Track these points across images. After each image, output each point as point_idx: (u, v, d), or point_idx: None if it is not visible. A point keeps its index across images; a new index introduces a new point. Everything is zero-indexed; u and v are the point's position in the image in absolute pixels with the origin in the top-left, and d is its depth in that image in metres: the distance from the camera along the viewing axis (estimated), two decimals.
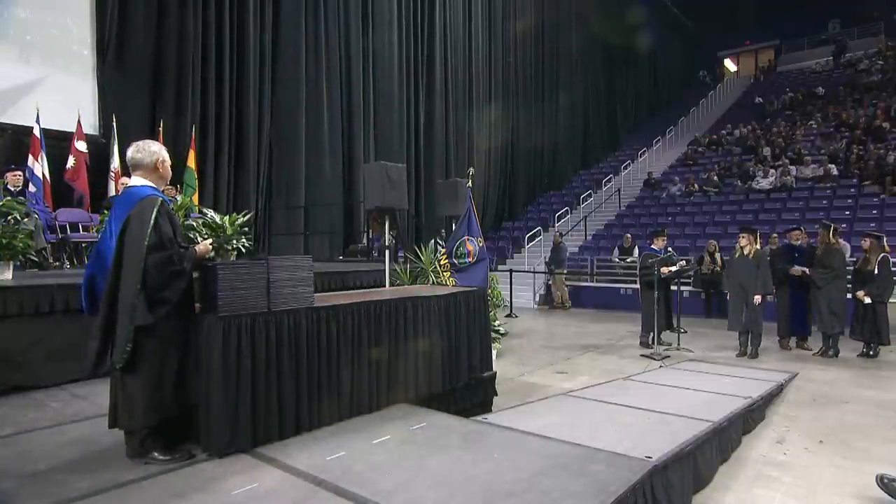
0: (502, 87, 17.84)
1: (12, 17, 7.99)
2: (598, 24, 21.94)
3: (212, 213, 3.69)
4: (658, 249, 7.53)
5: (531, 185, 19.59)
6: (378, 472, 2.67)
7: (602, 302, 12.26)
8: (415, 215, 14.17)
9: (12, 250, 4.62)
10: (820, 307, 7.02)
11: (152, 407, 2.73)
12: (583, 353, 7.34)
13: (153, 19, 9.20)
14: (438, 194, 8.09)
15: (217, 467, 2.71)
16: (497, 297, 7.97)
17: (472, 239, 6.44)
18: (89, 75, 8.68)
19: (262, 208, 10.91)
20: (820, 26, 28.33)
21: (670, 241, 9.15)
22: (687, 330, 8.14)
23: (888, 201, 12.67)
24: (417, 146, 14.81)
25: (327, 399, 3.30)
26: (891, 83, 20.12)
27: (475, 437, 3.23)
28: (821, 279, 7.01)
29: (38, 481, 2.58)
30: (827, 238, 7.15)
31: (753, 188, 15.16)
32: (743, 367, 6.28)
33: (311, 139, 11.83)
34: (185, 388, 2.88)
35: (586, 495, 2.42)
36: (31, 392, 4.09)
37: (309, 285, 3.30)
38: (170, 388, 2.80)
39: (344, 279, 7.03)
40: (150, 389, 2.73)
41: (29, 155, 7.34)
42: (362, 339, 3.53)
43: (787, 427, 4.38)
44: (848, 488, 3.27)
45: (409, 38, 14.41)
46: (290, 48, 11.47)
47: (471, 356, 4.37)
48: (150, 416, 2.73)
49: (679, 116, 23.49)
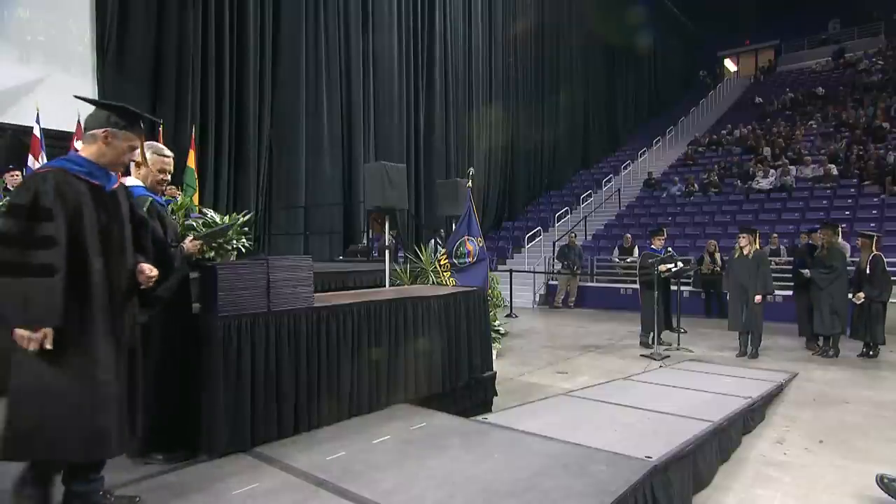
0: (502, 87, 17.84)
1: (12, 17, 7.99)
2: (598, 24, 21.94)
3: (212, 212, 3.69)
4: (658, 249, 7.54)
5: (531, 185, 19.59)
6: (378, 472, 2.67)
7: (602, 302, 12.26)
8: (415, 215, 14.17)
9: None
10: (821, 307, 7.01)
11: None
12: (583, 353, 7.34)
13: (153, 19, 9.21)
14: (438, 194, 8.10)
15: (217, 467, 2.71)
16: (497, 297, 7.97)
17: (472, 239, 6.45)
18: (89, 75, 8.68)
19: (262, 208, 10.91)
20: (820, 26, 28.34)
21: (670, 241, 9.16)
22: (687, 330, 8.14)
23: (888, 201, 12.67)
24: (417, 146, 14.81)
25: (327, 399, 3.30)
26: (891, 83, 20.12)
27: (475, 437, 3.22)
28: (822, 279, 7.00)
29: None
30: (831, 238, 7.15)
31: (753, 188, 15.15)
32: (743, 367, 6.28)
33: (311, 139, 11.83)
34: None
35: (586, 495, 2.42)
36: None
37: (309, 285, 3.30)
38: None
39: (344, 279, 7.03)
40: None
41: (29, 155, 7.34)
42: (362, 339, 3.53)
43: (787, 427, 4.37)
44: (848, 488, 3.26)
45: (409, 38, 14.41)
46: (291, 48, 11.47)
47: (471, 356, 4.37)
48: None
49: (679, 116, 23.48)
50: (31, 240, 2.01)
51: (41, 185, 2.07)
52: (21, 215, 2.04)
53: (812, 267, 7.20)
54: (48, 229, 2.03)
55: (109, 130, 2.24)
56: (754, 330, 6.96)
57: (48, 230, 2.03)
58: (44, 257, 2.01)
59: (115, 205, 2.30)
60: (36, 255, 2.00)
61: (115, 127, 2.25)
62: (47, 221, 2.04)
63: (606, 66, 23.61)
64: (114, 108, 2.29)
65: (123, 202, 2.36)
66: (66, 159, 2.25)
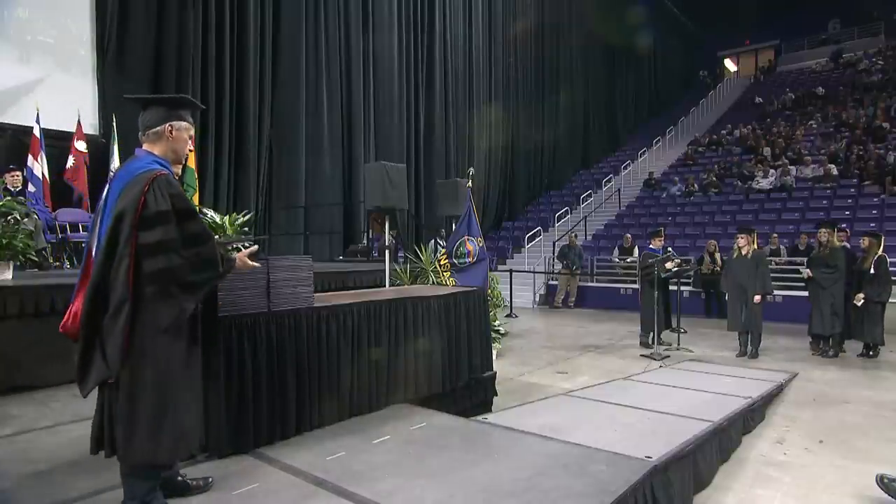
0: (502, 87, 17.84)
1: (12, 17, 7.99)
2: (598, 24, 21.94)
3: (212, 213, 3.69)
4: (657, 249, 7.54)
5: (531, 185, 19.59)
6: (378, 472, 2.67)
7: (602, 302, 12.26)
8: (415, 215, 14.17)
9: (12, 250, 4.62)
10: (822, 307, 7.00)
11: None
12: (583, 353, 7.34)
13: (153, 19, 9.20)
14: (438, 194, 8.10)
15: (217, 467, 2.71)
16: (497, 297, 7.97)
17: (472, 239, 6.45)
18: (89, 75, 8.68)
19: (262, 208, 10.91)
20: (820, 26, 28.35)
21: (670, 241, 9.17)
22: (687, 330, 8.14)
23: (888, 201, 12.67)
24: (417, 146, 14.81)
25: (327, 399, 3.30)
26: (891, 83, 20.13)
27: (475, 437, 3.23)
28: (826, 279, 6.98)
29: (38, 481, 2.58)
30: (831, 237, 7.14)
31: (753, 188, 15.16)
32: (743, 367, 6.28)
33: (311, 139, 11.83)
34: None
35: (586, 495, 2.42)
36: (31, 392, 4.10)
37: (309, 285, 3.30)
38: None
39: (344, 279, 7.03)
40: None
41: (28, 155, 7.34)
42: (362, 339, 3.53)
43: (787, 427, 4.38)
44: (848, 488, 3.26)
45: (409, 38, 14.41)
46: (290, 48, 11.46)
47: (471, 356, 4.37)
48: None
49: (679, 116, 23.49)
50: (207, 235, 2.28)
51: (178, 187, 2.23)
52: (193, 216, 2.24)
53: (812, 266, 7.19)
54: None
55: (173, 124, 2.28)
56: (754, 330, 6.97)
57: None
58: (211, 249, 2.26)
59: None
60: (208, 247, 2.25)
61: (177, 120, 2.29)
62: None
63: (606, 66, 23.62)
64: (171, 101, 2.34)
65: None
66: (155, 161, 2.27)
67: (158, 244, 2.11)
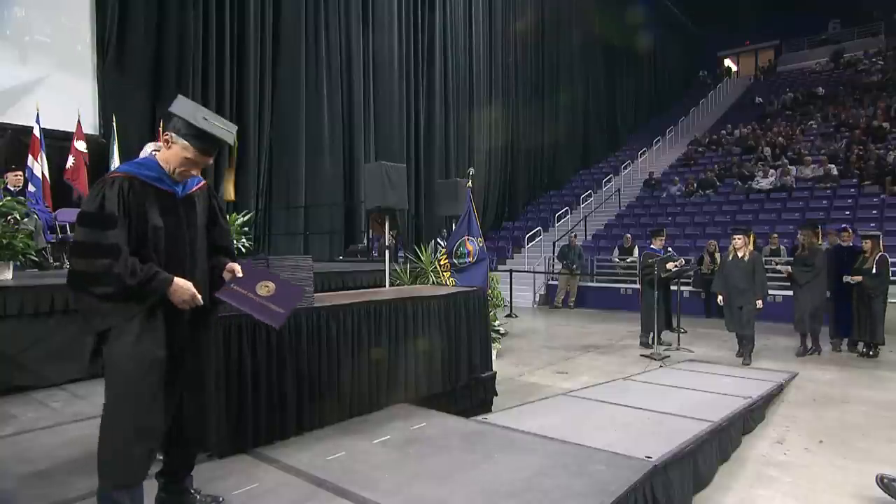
0: (502, 87, 17.84)
1: (12, 17, 7.99)
2: (598, 24, 21.95)
3: None
4: (657, 249, 7.53)
5: (531, 185, 19.59)
6: (378, 472, 2.67)
7: (602, 302, 12.26)
8: (415, 215, 14.17)
9: (12, 250, 4.62)
10: (803, 306, 7.08)
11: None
12: (583, 353, 7.34)
13: (153, 19, 9.21)
14: (438, 194, 8.11)
15: (217, 467, 2.71)
16: (497, 297, 7.97)
17: (472, 239, 6.45)
18: (89, 75, 8.68)
19: (262, 208, 10.91)
20: (820, 26, 28.33)
21: (670, 241, 9.15)
22: (687, 330, 8.14)
23: (888, 201, 12.66)
24: (417, 146, 14.82)
25: (327, 399, 3.30)
26: (891, 83, 20.12)
27: (475, 437, 3.22)
28: (801, 275, 7.10)
29: (38, 481, 2.58)
30: (811, 238, 7.20)
31: (753, 188, 15.16)
32: (743, 367, 6.28)
33: (311, 139, 11.83)
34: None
35: (586, 495, 2.42)
36: (31, 392, 4.10)
37: (309, 285, 3.30)
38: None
39: (344, 279, 7.04)
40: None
41: (29, 155, 7.34)
42: (362, 339, 3.53)
43: (787, 427, 4.37)
44: (848, 488, 3.26)
45: (409, 38, 14.41)
46: (290, 48, 11.47)
47: (471, 356, 4.37)
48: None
49: (679, 116, 23.48)
50: (99, 249, 2.00)
51: (108, 191, 2.06)
52: (90, 223, 2.04)
53: (793, 265, 7.35)
54: (114, 237, 2.02)
55: (172, 135, 2.18)
56: (746, 335, 6.73)
57: (114, 238, 2.02)
58: (111, 266, 1.99)
59: (188, 209, 2.24)
60: (103, 264, 1.99)
61: (175, 133, 2.17)
62: (112, 229, 2.03)
63: (606, 65, 23.61)
64: (192, 128, 2.16)
65: (200, 206, 2.31)
66: (137, 164, 2.21)
67: (73, 244, 2.13)
